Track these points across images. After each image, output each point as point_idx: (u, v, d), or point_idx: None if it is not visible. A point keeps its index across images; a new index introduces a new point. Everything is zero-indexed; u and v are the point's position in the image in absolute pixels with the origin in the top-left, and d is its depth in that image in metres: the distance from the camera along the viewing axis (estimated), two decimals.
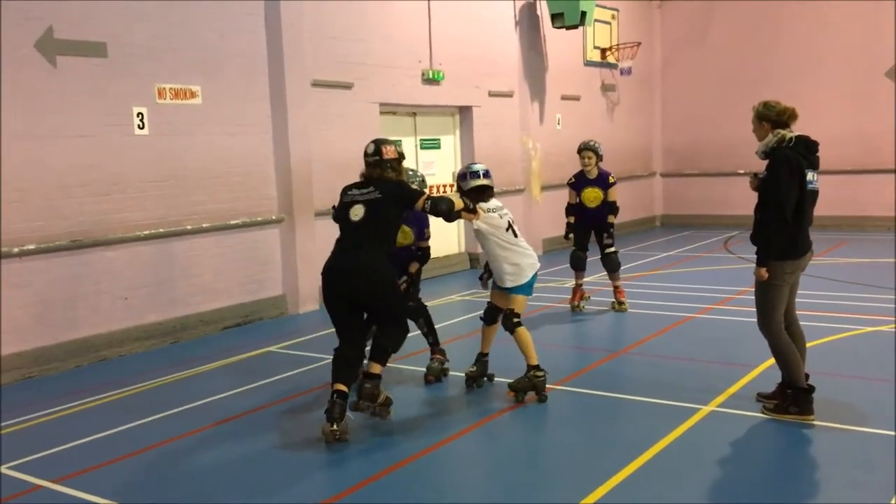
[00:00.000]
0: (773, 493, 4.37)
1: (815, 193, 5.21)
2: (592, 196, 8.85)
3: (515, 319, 5.96)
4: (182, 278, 8.49)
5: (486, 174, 6.05)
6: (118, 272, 7.91)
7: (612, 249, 8.87)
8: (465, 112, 12.56)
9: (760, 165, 5.37)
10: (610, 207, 8.87)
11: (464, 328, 8.59)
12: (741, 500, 4.32)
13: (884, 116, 15.08)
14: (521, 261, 6.00)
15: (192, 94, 8.53)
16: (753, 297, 5.48)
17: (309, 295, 9.74)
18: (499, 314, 6.22)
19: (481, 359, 6.44)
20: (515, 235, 6.05)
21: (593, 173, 8.85)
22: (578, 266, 9.05)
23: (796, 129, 5.27)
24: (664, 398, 5.92)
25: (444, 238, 12.53)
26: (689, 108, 17.44)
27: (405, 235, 6.39)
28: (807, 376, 5.38)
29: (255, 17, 9.14)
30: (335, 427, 5.22)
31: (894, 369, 6.35)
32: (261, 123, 9.29)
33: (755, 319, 5.49)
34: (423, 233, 6.64)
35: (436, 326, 6.90)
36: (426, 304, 7.00)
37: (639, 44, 15.91)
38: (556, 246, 13.29)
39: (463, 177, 6.06)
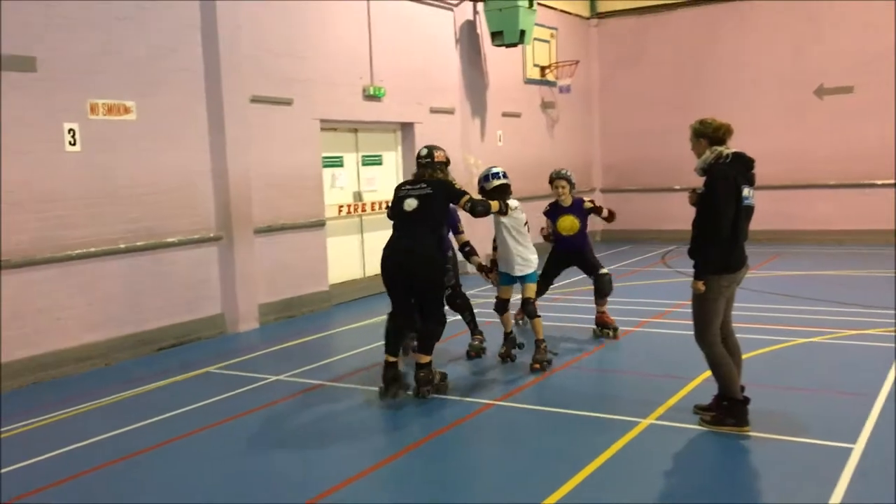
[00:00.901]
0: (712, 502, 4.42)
1: (750, 209, 5.32)
2: (568, 224, 8.46)
3: (533, 306, 7.23)
4: (116, 297, 8.27)
5: (505, 175, 7.13)
6: (51, 292, 7.66)
7: (605, 271, 8.45)
8: (406, 128, 12.56)
9: (698, 181, 5.46)
10: (600, 212, 8.73)
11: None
12: None
13: (814, 133, 15.58)
14: (529, 254, 7.26)
15: (127, 110, 8.34)
16: (691, 311, 5.56)
17: (248, 313, 9.58)
18: (507, 304, 7.44)
19: (508, 336, 7.53)
20: (527, 231, 7.24)
21: (567, 201, 8.50)
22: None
23: (733, 146, 5.38)
24: (603, 412, 5.96)
25: None
26: (627, 125, 17.76)
27: None
28: (742, 388, 5.48)
29: (192, 31, 9.01)
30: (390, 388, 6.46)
31: (826, 380, 6.52)
32: (198, 139, 9.13)
33: (691, 333, 5.57)
34: (457, 227, 7.66)
35: (378, 344, 6.87)
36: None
37: (577, 62, 16.17)
38: None
39: (486, 178, 7.12)
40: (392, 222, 6.63)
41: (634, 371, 7.10)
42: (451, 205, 6.62)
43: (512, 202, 7.06)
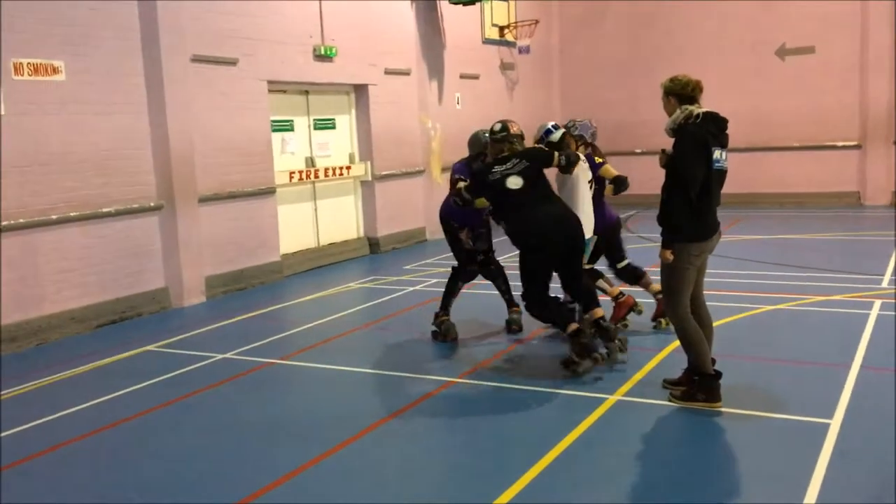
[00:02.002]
0: (689, 488, 4.12)
1: (723, 172, 5.00)
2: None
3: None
4: (49, 273, 7.73)
5: (557, 126, 6.68)
6: None
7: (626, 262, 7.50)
8: (360, 91, 12.03)
9: (664, 143, 5.13)
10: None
11: (367, 316, 8.16)
12: (658, 495, 4.07)
13: (776, 95, 15.36)
14: (589, 214, 6.53)
15: (55, 70, 7.74)
16: (656, 278, 5.26)
17: (194, 286, 9.09)
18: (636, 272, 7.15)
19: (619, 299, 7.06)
20: (591, 188, 6.65)
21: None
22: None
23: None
24: (570, 388, 5.65)
25: (343, 223, 12.03)
26: (587, 88, 17.39)
27: (482, 202, 6.48)
28: (713, 361, 5.20)
29: None
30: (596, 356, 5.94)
31: (796, 350, 6.29)
32: (135, 102, 8.55)
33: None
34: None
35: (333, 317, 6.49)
36: None
37: (536, 21, 15.69)
38: None
39: (548, 132, 6.57)
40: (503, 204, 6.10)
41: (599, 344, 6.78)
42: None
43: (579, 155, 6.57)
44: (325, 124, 11.66)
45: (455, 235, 7.13)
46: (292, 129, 11.06)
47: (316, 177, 11.22)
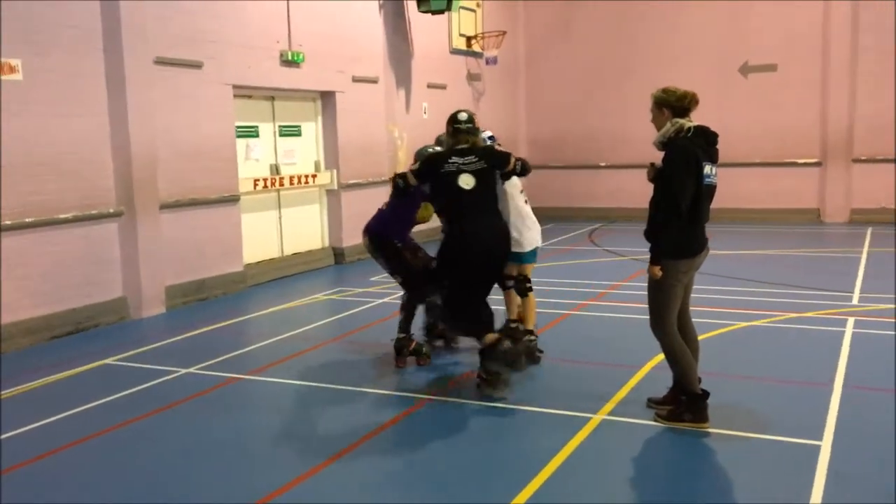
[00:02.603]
0: None
1: (712, 188, 4.90)
2: None
3: (528, 285, 6.44)
4: (3, 280, 7.33)
5: (493, 138, 6.63)
6: None
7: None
8: (327, 98, 11.79)
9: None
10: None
11: (334, 330, 7.92)
12: None
13: (739, 111, 15.48)
14: (526, 231, 6.34)
15: (12, 69, 7.38)
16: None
17: (154, 296, 8.75)
18: (510, 279, 6.47)
19: (510, 325, 6.55)
20: (526, 202, 6.43)
21: None
22: None
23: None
24: (551, 407, 5.48)
25: (308, 232, 11.76)
26: (553, 100, 17.39)
27: (428, 213, 6.44)
28: (699, 380, 5.09)
29: None
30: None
31: (776, 368, 6.23)
32: (95, 104, 8.20)
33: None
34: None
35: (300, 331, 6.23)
36: None
37: (504, 32, 15.63)
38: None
39: (492, 139, 6.57)
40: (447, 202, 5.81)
41: (575, 360, 6.65)
42: None
43: None
44: (291, 131, 11.39)
45: (394, 255, 6.38)
46: (257, 136, 10.78)
47: (281, 184, 10.94)
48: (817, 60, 15.04)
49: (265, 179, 10.68)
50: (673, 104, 4.85)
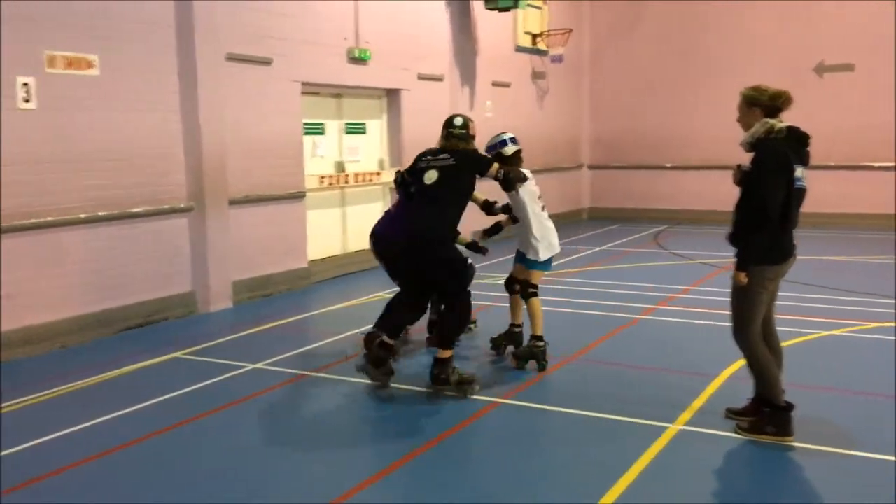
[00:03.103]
0: None
1: (802, 192, 4.68)
2: None
3: (531, 290, 6.34)
4: (74, 274, 7.46)
5: (516, 140, 6.37)
6: None
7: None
8: (392, 95, 11.76)
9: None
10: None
11: None
12: None
13: (813, 112, 14.92)
14: (547, 236, 6.32)
15: (89, 65, 7.49)
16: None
17: (221, 291, 8.82)
18: (516, 284, 6.48)
19: (514, 329, 6.68)
20: (543, 209, 6.38)
21: None
22: None
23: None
24: (626, 414, 5.33)
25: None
26: (617, 99, 17.11)
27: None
28: (783, 391, 4.88)
29: None
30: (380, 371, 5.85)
31: (861, 380, 5.96)
32: (168, 100, 8.29)
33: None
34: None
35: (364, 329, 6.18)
36: None
37: (570, 30, 15.42)
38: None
39: (503, 143, 6.27)
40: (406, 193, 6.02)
41: (648, 366, 6.46)
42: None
43: (527, 173, 6.18)
44: (357, 129, 11.38)
45: (395, 257, 6.06)
46: (323, 133, 10.80)
47: (345, 182, 10.94)
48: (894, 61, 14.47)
49: (330, 177, 10.70)
50: (765, 103, 4.65)
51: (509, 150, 6.24)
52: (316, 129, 10.63)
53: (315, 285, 10.21)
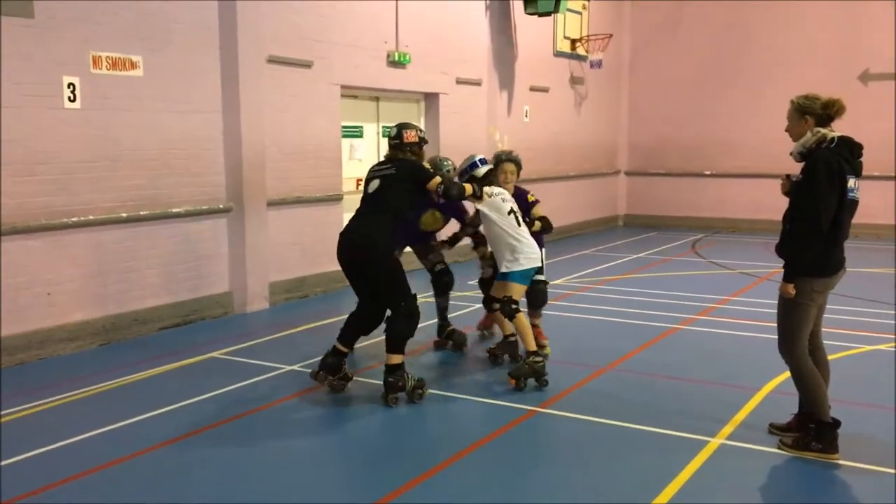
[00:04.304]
0: None
1: (855, 203, 4.58)
2: None
3: (514, 306, 6.08)
4: (114, 272, 7.53)
5: (485, 161, 6.42)
6: (40, 264, 6.92)
7: (542, 278, 6.78)
8: (431, 99, 11.75)
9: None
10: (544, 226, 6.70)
11: (431, 334, 7.83)
12: None
13: (857, 121, 14.65)
14: (520, 249, 6.10)
15: (133, 65, 7.56)
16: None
17: (258, 293, 8.85)
18: (494, 302, 6.30)
19: (509, 339, 6.59)
20: (518, 224, 6.17)
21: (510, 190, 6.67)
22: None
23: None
24: (666, 427, 5.24)
25: None
26: (656, 106, 16.93)
27: (435, 220, 6.80)
28: (829, 407, 4.76)
29: None
30: (324, 375, 5.92)
31: None
32: (210, 101, 8.35)
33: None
34: (462, 219, 7.08)
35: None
36: None
37: (610, 35, 15.30)
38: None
39: (473, 166, 6.28)
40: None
41: (687, 377, 6.35)
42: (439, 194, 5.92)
43: (495, 188, 6.26)
44: None
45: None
46: (361, 136, 10.81)
47: None
48: None
49: None
50: (818, 112, 4.55)
51: (480, 171, 6.24)
52: (354, 133, 10.65)
53: (350, 288, 10.17)
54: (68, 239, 7.12)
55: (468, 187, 5.97)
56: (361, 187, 6.17)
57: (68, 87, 7.05)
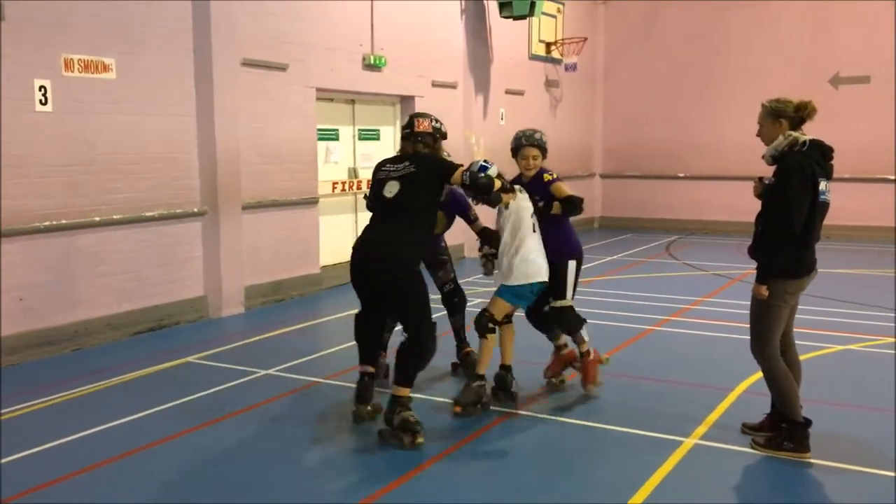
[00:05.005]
0: None
1: (826, 205, 4.65)
2: None
3: (490, 325, 5.48)
4: (87, 276, 7.46)
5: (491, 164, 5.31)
6: (12, 268, 6.83)
7: (562, 304, 5.76)
8: (406, 102, 11.75)
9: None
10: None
11: None
12: None
13: (827, 124, 14.85)
14: (516, 264, 5.39)
15: (105, 68, 7.50)
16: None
17: (233, 296, 8.81)
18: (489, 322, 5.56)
19: (500, 371, 5.82)
20: (534, 231, 5.45)
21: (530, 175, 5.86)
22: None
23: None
24: (640, 427, 5.28)
25: None
26: (631, 109, 17.07)
27: (438, 221, 5.53)
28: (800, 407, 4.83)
29: None
30: (368, 408, 5.33)
31: (877, 396, 5.89)
32: (184, 104, 8.30)
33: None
34: (469, 218, 6.05)
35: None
36: None
37: (585, 39, 15.41)
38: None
39: (482, 169, 5.03)
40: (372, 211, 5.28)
41: (661, 378, 6.41)
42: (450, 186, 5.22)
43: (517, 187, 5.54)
44: (370, 135, 11.38)
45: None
46: (337, 139, 10.80)
47: (358, 188, 10.93)
48: None
49: (343, 183, 10.70)
50: (791, 115, 4.62)
51: (493, 171, 5.14)
52: (330, 136, 10.63)
53: (327, 291, 10.19)
54: (41, 243, 7.04)
55: (496, 180, 5.04)
56: (365, 189, 5.45)
57: (40, 90, 6.98)
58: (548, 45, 15.16)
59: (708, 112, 16.03)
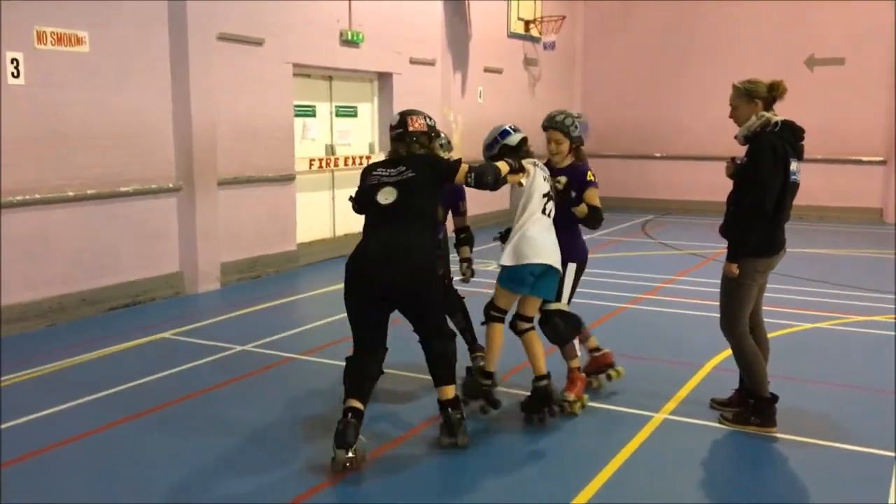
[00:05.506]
0: None
1: (796, 185, 4.71)
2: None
3: (494, 313, 5.01)
4: (61, 252, 7.42)
5: (517, 128, 5.08)
6: None
7: (558, 307, 5.17)
8: (384, 79, 11.71)
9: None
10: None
11: None
12: None
13: (802, 105, 14.99)
14: (517, 242, 4.84)
15: (79, 41, 7.41)
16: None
17: (209, 273, 8.79)
18: (491, 310, 5.09)
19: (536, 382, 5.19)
20: (544, 212, 4.90)
21: (564, 163, 5.25)
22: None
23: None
24: (610, 403, 5.38)
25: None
26: (609, 88, 17.12)
27: None
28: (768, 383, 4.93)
29: None
30: (350, 454, 4.29)
31: (844, 373, 6.02)
32: (159, 78, 8.23)
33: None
34: (458, 207, 5.70)
35: None
36: None
37: (563, 17, 15.39)
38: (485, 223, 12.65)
39: (505, 133, 4.96)
40: (365, 217, 4.73)
41: (633, 355, 6.46)
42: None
43: (535, 160, 5.03)
44: (347, 112, 11.34)
45: None
46: (314, 115, 10.75)
47: (336, 165, 10.91)
48: (888, 56, 14.53)
49: (320, 160, 10.67)
50: (764, 95, 4.66)
51: (514, 139, 4.96)
52: (307, 112, 10.59)
53: (303, 268, 10.20)
54: (14, 218, 6.98)
55: (503, 166, 4.68)
56: (358, 187, 4.75)
57: (12, 62, 6.89)
58: (527, 23, 15.13)
59: (685, 92, 16.12)
